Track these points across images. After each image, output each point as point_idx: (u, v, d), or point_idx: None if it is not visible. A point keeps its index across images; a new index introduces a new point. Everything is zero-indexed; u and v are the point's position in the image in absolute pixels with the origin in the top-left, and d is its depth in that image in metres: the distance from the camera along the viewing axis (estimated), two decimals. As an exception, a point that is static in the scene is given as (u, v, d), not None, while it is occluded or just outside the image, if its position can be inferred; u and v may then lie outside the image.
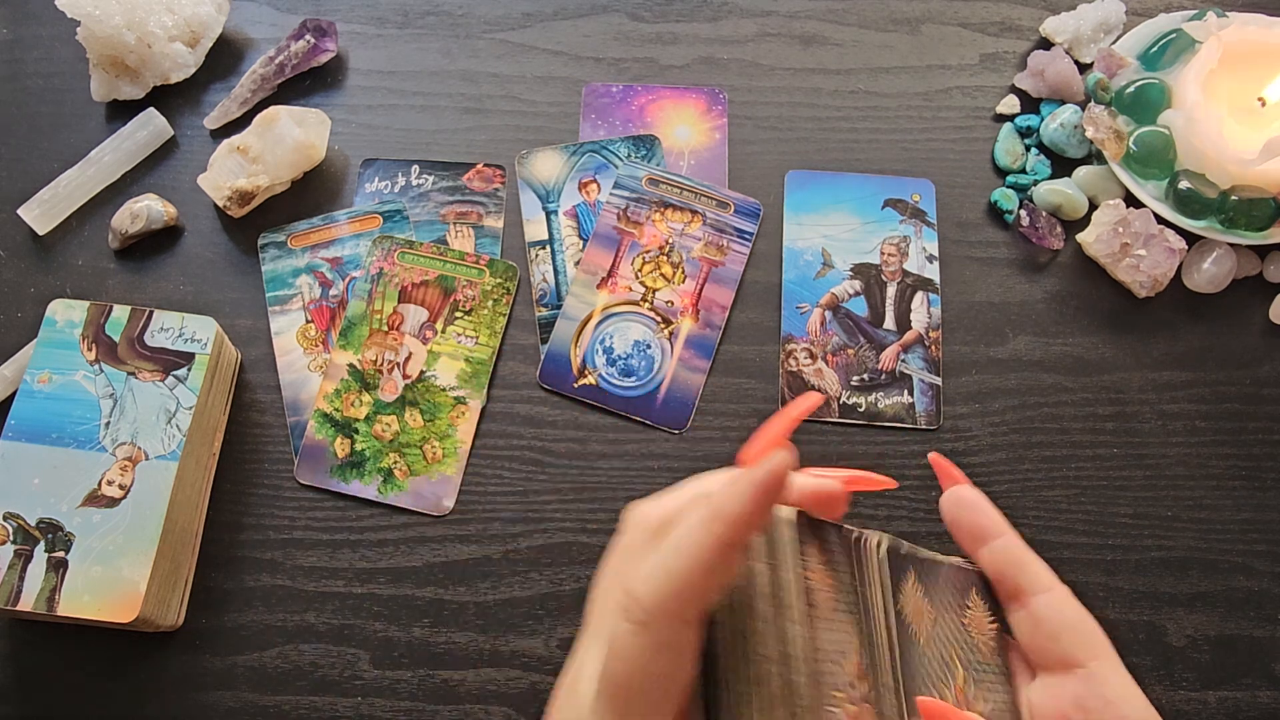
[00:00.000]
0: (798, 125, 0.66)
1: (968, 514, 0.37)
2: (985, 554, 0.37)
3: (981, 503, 0.37)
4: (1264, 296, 0.62)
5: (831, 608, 0.31)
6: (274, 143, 0.61)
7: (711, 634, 0.30)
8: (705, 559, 0.28)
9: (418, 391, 0.58)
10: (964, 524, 0.37)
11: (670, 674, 0.29)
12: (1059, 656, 0.35)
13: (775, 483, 0.29)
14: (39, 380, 0.53)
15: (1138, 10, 0.69)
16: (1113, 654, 0.35)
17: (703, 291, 0.61)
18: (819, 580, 0.31)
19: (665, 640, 0.28)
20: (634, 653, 0.29)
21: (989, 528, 0.37)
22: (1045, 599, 0.35)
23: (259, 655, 0.53)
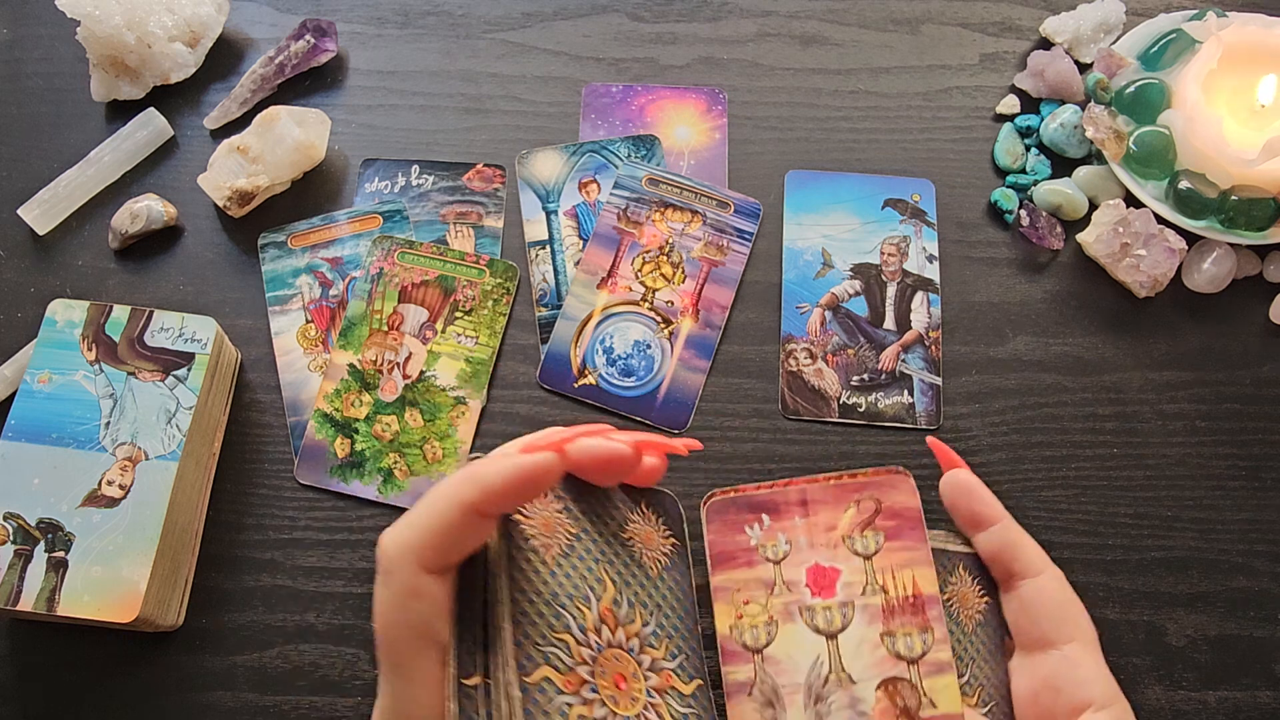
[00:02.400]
0: (798, 125, 0.66)
1: (964, 500, 0.39)
2: (981, 539, 0.38)
3: (978, 488, 0.39)
4: (1264, 296, 0.62)
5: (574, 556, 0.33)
6: (274, 143, 0.61)
7: (488, 583, 0.31)
8: (448, 517, 0.30)
9: (418, 391, 0.58)
10: (961, 509, 0.39)
11: (419, 621, 0.30)
12: (1037, 637, 0.36)
13: (537, 475, 0.31)
14: (39, 380, 0.53)
15: (1138, 10, 0.69)
16: (1091, 638, 0.36)
17: (703, 291, 0.61)
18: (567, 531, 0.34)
19: (408, 587, 0.30)
20: (384, 602, 0.30)
21: (985, 514, 0.38)
22: (1031, 583, 0.36)
23: (259, 655, 0.53)
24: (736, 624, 0.35)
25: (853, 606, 0.35)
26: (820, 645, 0.35)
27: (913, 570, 0.35)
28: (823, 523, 0.36)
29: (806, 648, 0.35)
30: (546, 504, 0.33)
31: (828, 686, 0.34)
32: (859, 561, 0.35)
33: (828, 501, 0.36)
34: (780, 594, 0.35)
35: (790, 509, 0.36)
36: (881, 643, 0.35)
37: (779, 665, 0.35)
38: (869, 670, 0.34)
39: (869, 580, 0.35)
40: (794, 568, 0.36)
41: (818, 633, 0.35)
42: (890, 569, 0.35)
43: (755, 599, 0.35)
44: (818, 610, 0.35)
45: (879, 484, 0.36)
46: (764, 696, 0.35)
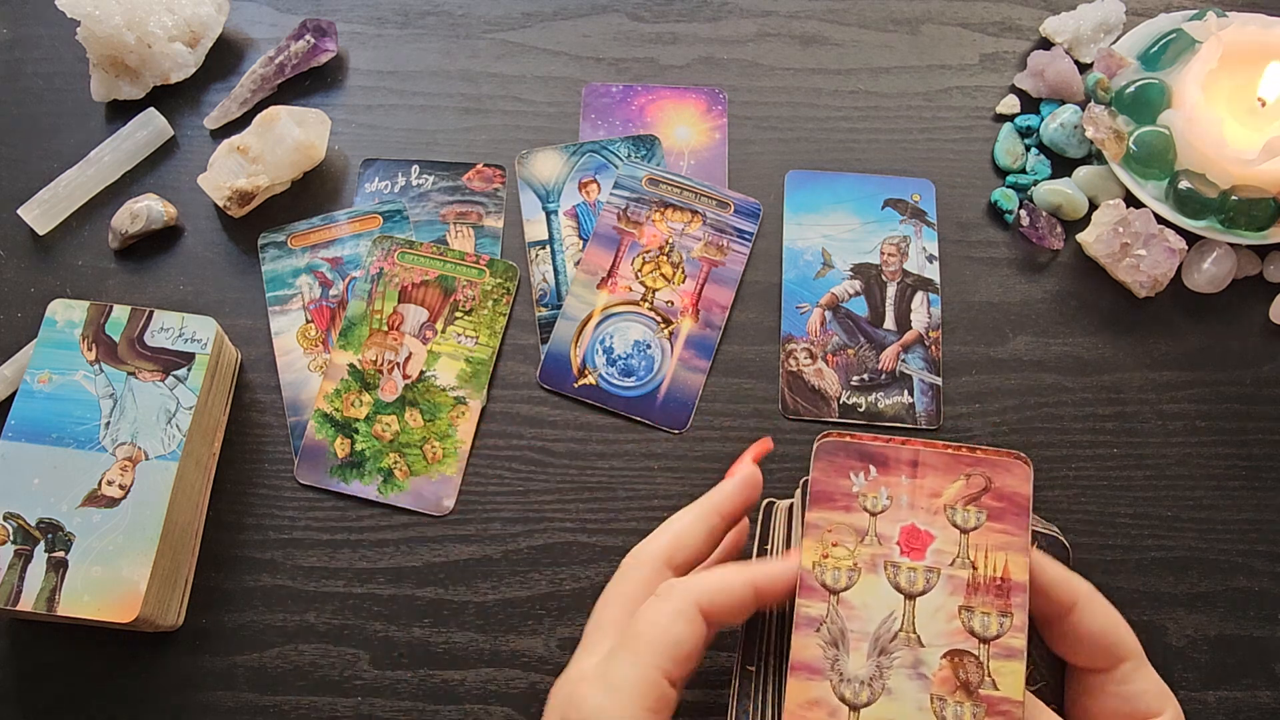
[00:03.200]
0: (798, 125, 0.66)
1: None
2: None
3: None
4: (1264, 296, 0.62)
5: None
6: (274, 143, 0.61)
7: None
8: (694, 524, 0.41)
9: (418, 391, 0.58)
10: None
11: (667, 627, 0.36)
12: (1099, 661, 0.37)
13: (748, 487, 0.42)
14: (39, 380, 0.53)
15: (1138, 10, 0.69)
16: (1140, 649, 0.37)
17: (703, 291, 0.61)
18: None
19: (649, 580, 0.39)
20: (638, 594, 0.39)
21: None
22: (1082, 612, 0.37)
23: (259, 655, 0.53)
24: (820, 562, 0.36)
25: (938, 573, 0.35)
26: (897, 602, 0.35)
27: (1007, 555, 0.35)
28: (928, 487, 0.36)
29: (883, 601, 0.35)
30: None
31: (895, 642, 0.35)
32: (955, 533, 0.36)
33: (939, 468, 0.36)
34: (870, 544, 0.36)
35: (900, 466, 0.36)
36: (959, 615, 0.35)
37: (852, 610, 0.36)
38: (939, 638, 0.35)
39: (961, 553, 0.35)
40: (889, 523, 0.36)
41: (898, 590, 0.36)
42: (985, 548, 0.35)
43: (844, 543, 0.36)
44: (903, 569, 0.36)
45: (995, 464, 0.36)
46: (830, 636, 0.35)
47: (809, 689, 0.35)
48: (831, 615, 0.35)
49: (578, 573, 0.55)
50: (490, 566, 0.55)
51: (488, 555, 0.55)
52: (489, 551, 0.56)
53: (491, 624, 0.54)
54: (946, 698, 0.34)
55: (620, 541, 0.56)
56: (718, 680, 0.52)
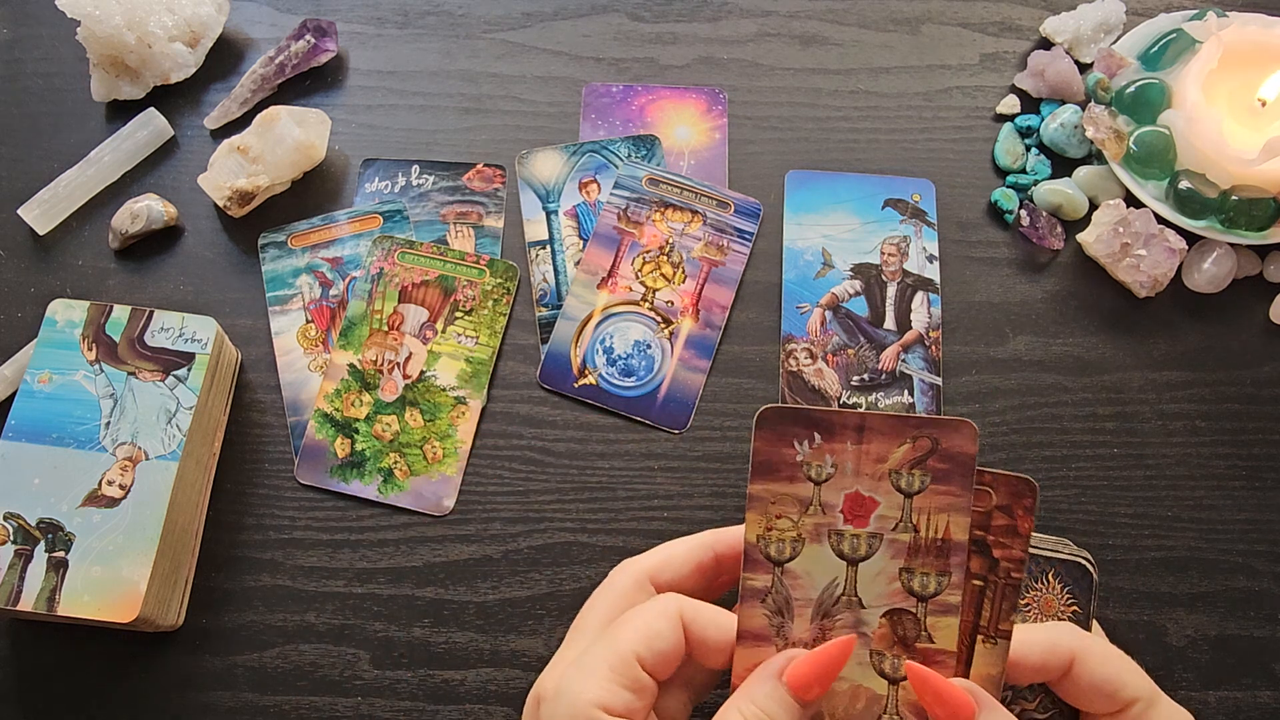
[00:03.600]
0: (798, 125, 0.66)
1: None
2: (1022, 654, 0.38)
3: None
4: (1264, 296, 0.62)
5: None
6: (274, 143, 0.61)
7: None
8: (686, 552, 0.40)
9: (418, 391, 0.58)
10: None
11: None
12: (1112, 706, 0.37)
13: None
14: (39, 380, 0.53)
15: (1138, 10, 0.69)
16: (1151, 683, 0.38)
17: (703, 291, 0.61)
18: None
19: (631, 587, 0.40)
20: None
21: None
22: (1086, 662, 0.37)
23: (259, 655, 0.53)
24: (764, 535, 0.36)
25: (881, 539, 0.36)
26: (840, 569, 0.36)
27: (949, 516, 0.36)
28: (874, 452, 0.36)
29: (826, 568, 0.36)
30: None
31: (837, 606, 0.36)
32: (899, 498, 0.36)
33: (885, 433, 0.36)
34: (814, 514, 0.36)
35: (845, 433, 0.36)
36: (899, 577, 0.36)
37: (796, 580, 0.36)
38: (880, 599, 0.36)
39: (904, 517, 0.36)
40: (833, 491, 0.36)
41: (841, 557, 0.36)
42: (928, 510, 0.36)
43: (788, 514, 0.36)
44: (846, 536, 0.36)
45: (942, 425, 0.36)
46: (775, 605, 0.36)
47: (755, 654, 0.36)
48: (776, 586, 0.36)
49: (578, 573, 0.55)
50: (490, 566, 0.55)
51: (488, 555, 0.55)
52: (489, 551, 0.56)
53: (491, 624, 0.54)
54: (885, 652, 0.36)
55: (620, 542, 0.56)
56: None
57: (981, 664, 0.36)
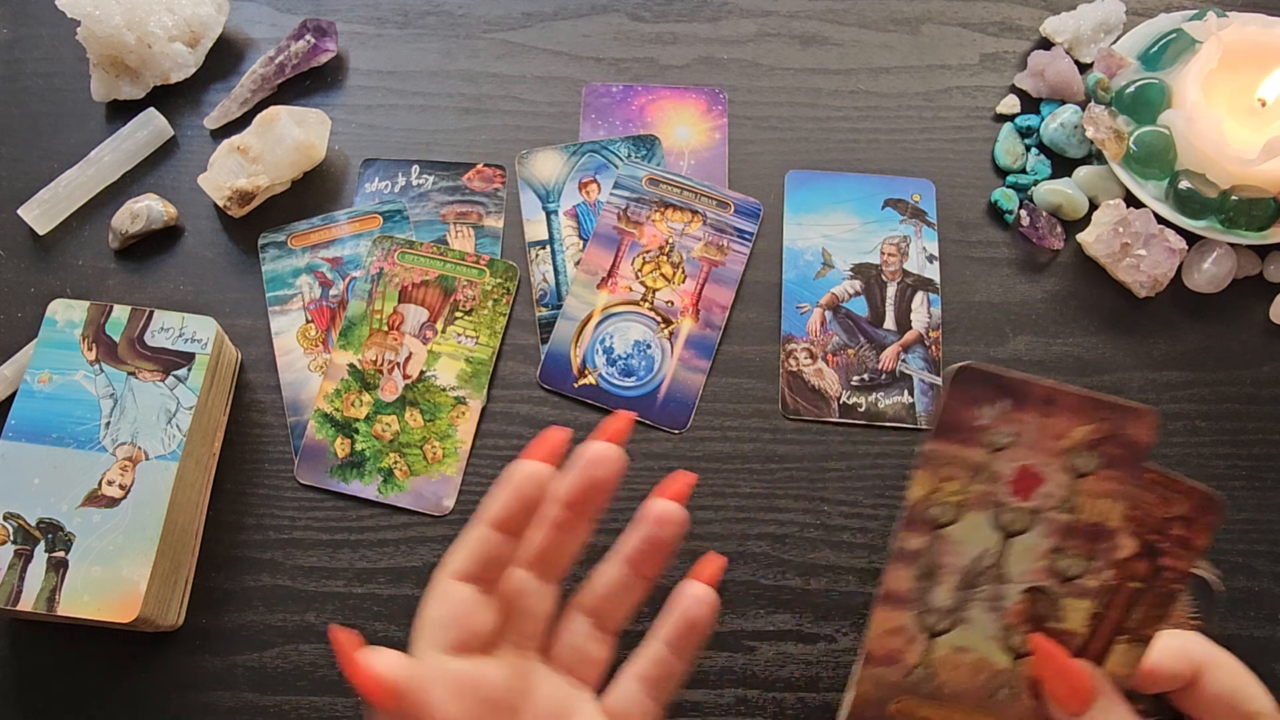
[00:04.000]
0: (798, 125, 0.66)
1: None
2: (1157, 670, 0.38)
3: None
4: (1264, 296, 0.62)
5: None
6: (274, 143, 0.61)
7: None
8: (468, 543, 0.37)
9: (418, 391, 0.58)
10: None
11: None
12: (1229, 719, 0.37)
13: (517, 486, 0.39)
14: (39, 380, 0.53)
15: (1138, 10, 0.69)
16: (1274, 706, 0.37)
17: (703, 291, 0.61)
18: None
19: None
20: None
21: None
22: (1214, 675, 0.37)
23: (259, 655, 0.53)
24: (929, 496, 0.36)
25: (1040, 515, 0.35)
26: (993, 541, 0.36)
27: (1110, 502, 0.35)
28: (1056, 428, 0.35)
29: (981, 538, 0.36)
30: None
31: (982, 577, 0.36)
32: (1067, 477, 0.35)
33: (1072, 410, 0.35)
34: (982, 482, 0.36)
35: (1034, 404, 0.35)
36: (1047, 556, 0.35)
37: (948, 546, 0.36)
38: (1024, 575, 0.35)
39: (1067, 497, 0.35)
40: (1005, 462, 0.35)
41: (997, 529, 0.36)
42: (1091, 493, 0.35)
43: (956, 478, 0.36)
44: (1007, 508, 0.36)
45: (1126, 410, 0.35)
46: (924, 569, 0.36)
47: (894, 618, 0.36)
48: (930, 550, 0.36)
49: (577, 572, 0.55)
50: (490, 566, 0.55)
51: (488, 555, 0.55)
52: (489, 551, 0.55)
53: (491, 624, 0.54)
54: (1015, 627, 0.35)
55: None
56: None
57: (1114, 663, 0.36)
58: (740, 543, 0.56)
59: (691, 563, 0.41)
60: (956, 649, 0.36)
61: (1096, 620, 0.36)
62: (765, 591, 0.55)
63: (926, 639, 0.36)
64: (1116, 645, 0.36)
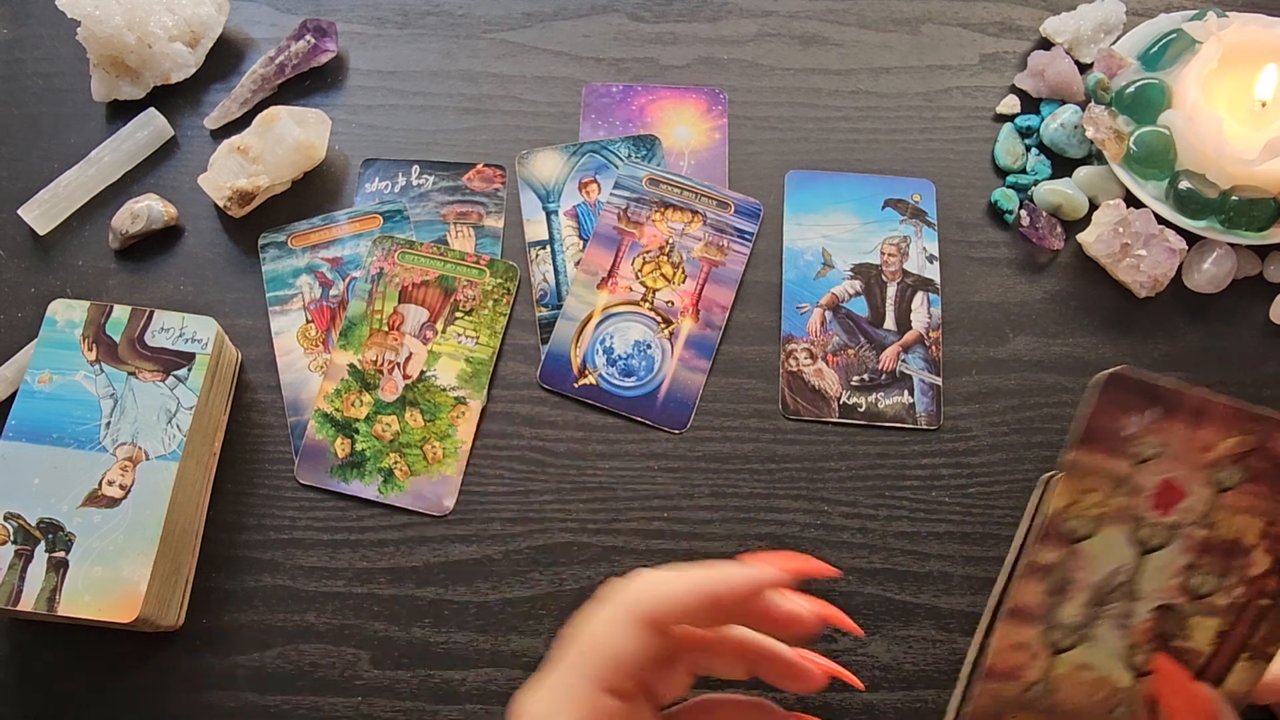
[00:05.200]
0: (798, 125, 0.66)
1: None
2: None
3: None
4: (1264, 296, 0.62)
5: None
6: (274, 143, 0.61)
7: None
8: (685, 594, 0.34)
9: (418, 391, 0.58)
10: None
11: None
12: None
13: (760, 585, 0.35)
14: (39, 380, 0.53)
15: (1138, 10, 0.69)
16: None
17: (703, 291, 0.61)
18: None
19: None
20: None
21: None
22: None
23: (259, 655, 0.53)
24: (1068, 508, 0.34)
25: (1178, 532, 0.34)
26: (1129, 557, 0.34)
27: (1250, 519, 0.34)
28: (1203, 440, 0.34)
29: (1116, 555, 0.34)
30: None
31: (1113, 594, 0.34)
32: (1209, 491, 0.34)
33: (1222, 421, 0.34)
34: (1123, 495, 0.34)
35: (1183, 414, 0.34)
36: (1181, 573, 0.34)
37: (1082, 560, 0.34)
38: (1156, 593, 0.34)
39: (1208, 512, 0.34)
40: (1149, 474, 0.34)
41: (1134, 544, 0.34)
42: (1232, 509, 0.34)
43: (1099, 489, 0.34)
44: (1146, 523, 0.34)
45: (1275, 422, 0.34)
46: (1055, 584, 0.34)
47: (1019, 633, 0.34)
48: (1062, 564, 0.34)
49: (578, 573, 0.55)
50: (490, 566, 0.55)
51: (488, 555, 0.55)
52: (489, 551, 0.56)
53: (491, 624, 0.54)
54: (1140, 645, 0.34)
55: (620, 542, 0.56)
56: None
57: (1234, 681, 0.34)
58: (740, 543, 0.56)
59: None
60: (1078, 666, 0.34)
61: (1222, 638, 0.35)
62: (765, 591, 0.55)
63: (1050, 655, 0.34)
64: (1240, 662, 0.34)
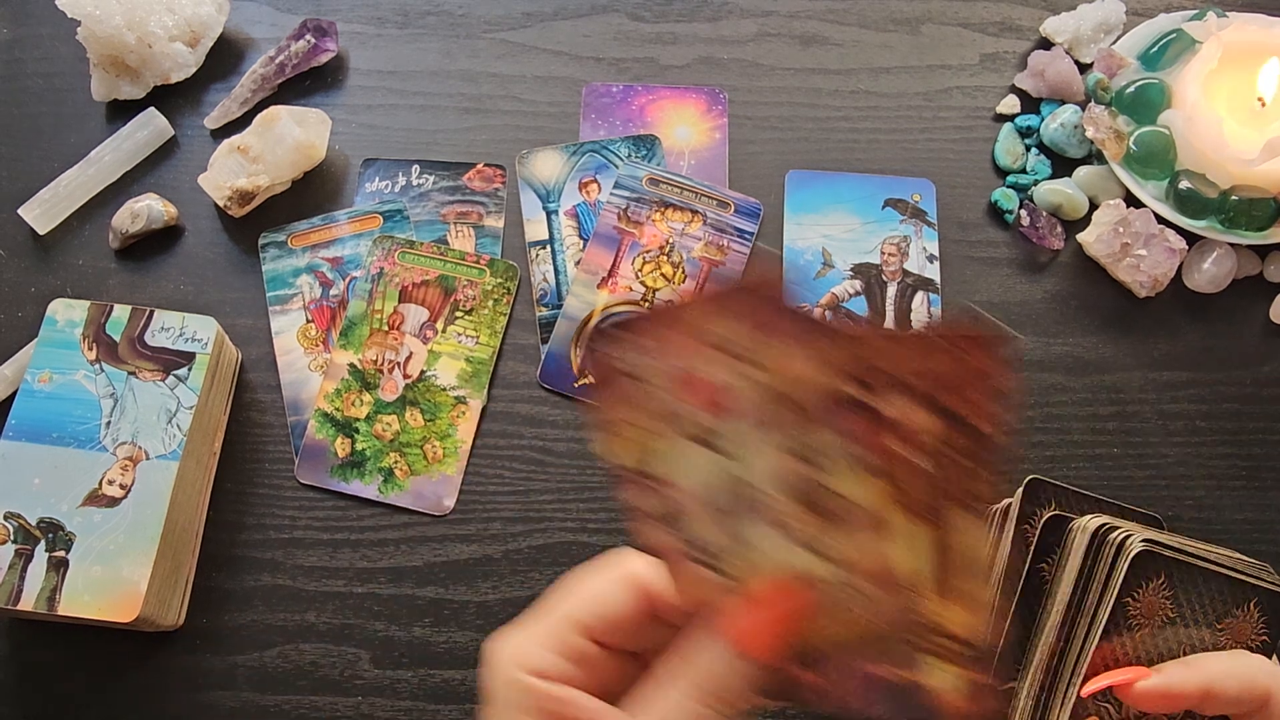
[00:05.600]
0: (798, 125, 0.66)
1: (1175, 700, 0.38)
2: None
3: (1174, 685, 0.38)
4: (1264, 296, 0.62)
5: None
6: (274, 142, 0.61)
7: None
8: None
9: (418, 391, 0.58)
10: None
11: None
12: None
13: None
14: (40, 380, 0.53)
15: (1138, 10, 0.69)
16: None
17: (703, 291, 0.61)
18: None
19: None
20: None
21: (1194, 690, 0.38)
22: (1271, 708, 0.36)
23: (259, 655, 0.53)
24: (612, 451, 0.31)
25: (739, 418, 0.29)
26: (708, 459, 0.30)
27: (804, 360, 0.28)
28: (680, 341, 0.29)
29: (695, 465, 0.30)
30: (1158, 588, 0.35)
31: (731, 499, 0.30)
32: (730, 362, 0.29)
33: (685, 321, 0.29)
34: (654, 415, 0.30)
35: (656, 325, 0.30)
36: (780, 448, 0.29)
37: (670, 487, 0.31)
38: (773, 475, 0.29)
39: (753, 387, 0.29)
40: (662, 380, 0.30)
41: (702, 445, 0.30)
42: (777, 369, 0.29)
43: (629, 421, 0.31)
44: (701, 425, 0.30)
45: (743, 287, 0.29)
46: (667, 518, 0.31)
47: (685, 571, 0.31)
48: (656, 499, 0.31)
49: (578, 572, 0.55)
50: (490, 566, 0.55)
51: (488, 555, 0.55)
52: (489, 551, 0.56)
53: (492, 624, 0.54)
54: (797, 528, 0.29)
55: (620, 542, 0.56)
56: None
57: (959, 530, 0.28)
58: (740, 542, 0.56)
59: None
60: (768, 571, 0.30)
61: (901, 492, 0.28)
62: (765, 591, 0.55)
63: (725, 578, 0.30)
64: (950, 511, 0.28)
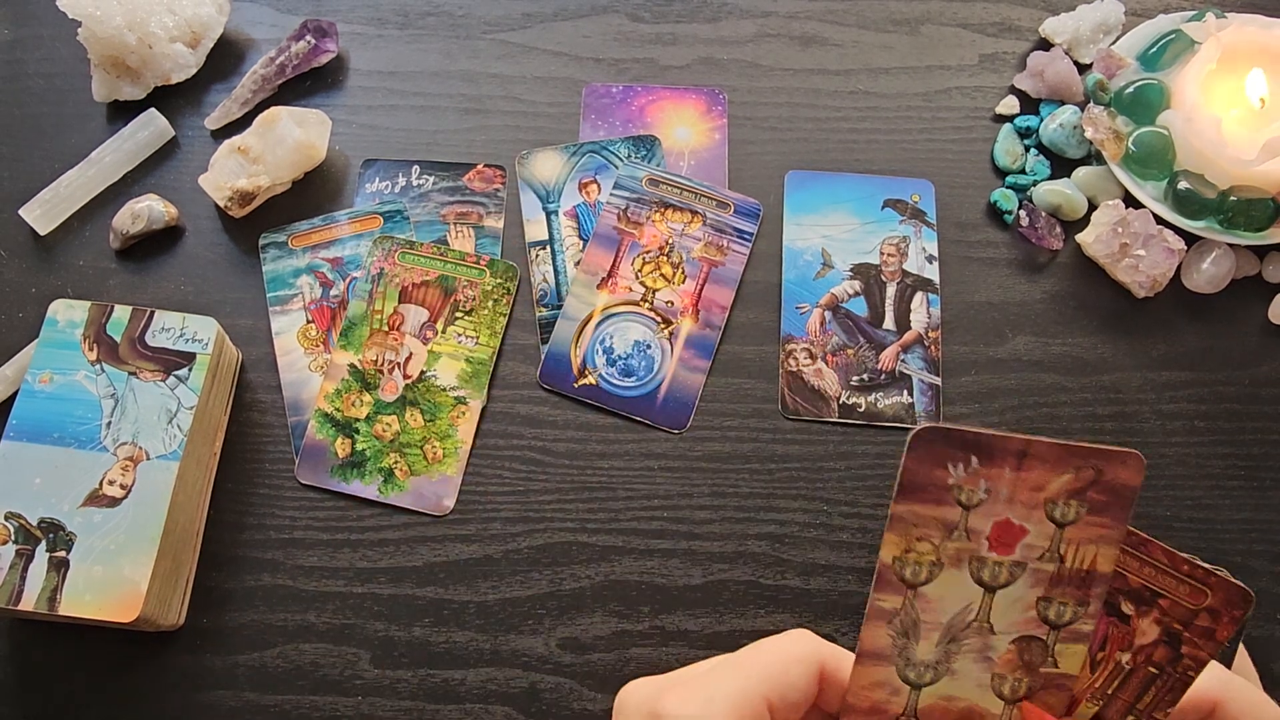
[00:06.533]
0: (798, 125, 0.66)
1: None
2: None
3: None
4: (1263, 296, 0.62)
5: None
6: (275, 143, 0.61)
7: None
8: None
9: (418, 391, 0.59)
10: None
11: None
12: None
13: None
14: (40, 380, 0.53)
15: (1137, 11, 0.69)
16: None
17: (703, 291, 0.61)
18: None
19: None
20: None
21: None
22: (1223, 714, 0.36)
23: (260, 655, 0.53)
24: (901, 557, 0.34)
25: (1024, 567, 0.34)
26: (976, 595, 0.35)
27: (1098, 548, 0.34)
28: (1032, 480, 0.34)
29: (962, 594, 0.35)
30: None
31: (967, 631, 0.35)
32: (1050, 527, 0.34)
33: (1048, 461, 0.34)
34: (958, 540, 0.34)
35: (1006, 459, 0.34)
36: (1035, 606, 0.34)
37: (928, 603, 0.35)
38: (1012, 626, 0.35)
39: (1052, 547, 0.34)
40: (982, 518, 0.34)
41: (979, 584, 0.35)
42: (1077, 541, 0.34)
43: (929, 538, 0.34)
44: (989, 563, 0.34)
45: (1108, 456, 0.34)
46: (902, 627, 0.35)
47: (873, 673, 0.35)
48: (906, 608, 0.35)
49: (578, 573, 0.55)
50: (490, 566, 0.55)
51: (488, 555, 0.56)
52: (489, 551, 0.56)
53: (492, 624, 0.54)
54: (1006, 675, 0.35)
55: (620, 541, 0.56)
56: None
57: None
58: (740, 543, 0.56)
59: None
60: (944, 698, 0.35)
61: (1106, 684, 0.35)
62: (765, 591, 0.55)
63: (911, 690, 0.35)
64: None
